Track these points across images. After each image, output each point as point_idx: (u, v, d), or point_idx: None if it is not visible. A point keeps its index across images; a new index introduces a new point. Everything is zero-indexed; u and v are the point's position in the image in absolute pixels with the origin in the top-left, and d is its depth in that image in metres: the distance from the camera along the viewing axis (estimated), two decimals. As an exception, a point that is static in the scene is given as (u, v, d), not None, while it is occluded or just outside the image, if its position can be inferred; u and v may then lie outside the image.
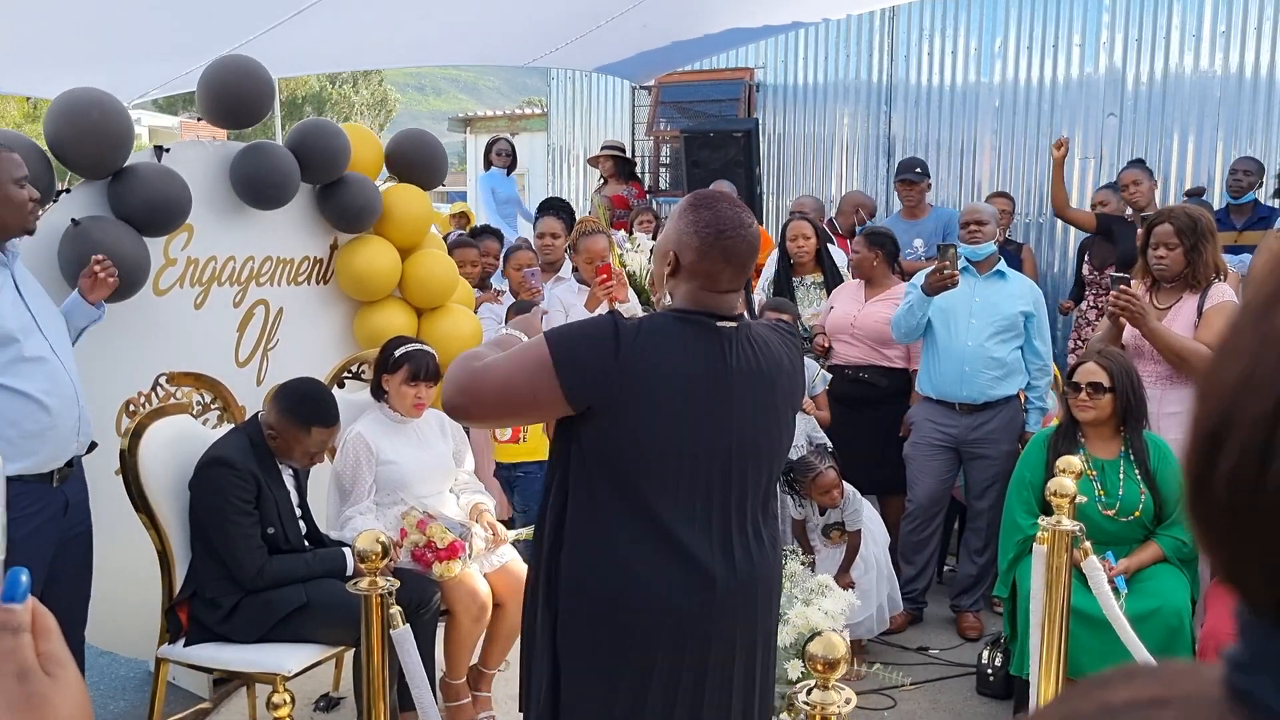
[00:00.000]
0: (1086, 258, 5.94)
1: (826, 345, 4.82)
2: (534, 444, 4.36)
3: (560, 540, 2.07)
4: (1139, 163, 6.09)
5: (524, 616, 2.19)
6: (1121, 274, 3.91)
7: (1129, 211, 5.85)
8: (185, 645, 3.23)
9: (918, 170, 6.15)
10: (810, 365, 4.58)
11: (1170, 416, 3.84)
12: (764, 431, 2.12)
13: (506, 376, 2.02)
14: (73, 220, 3.43)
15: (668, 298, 2.14)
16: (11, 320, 2.86)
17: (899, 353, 4.77)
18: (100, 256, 3.23)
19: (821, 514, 4.17)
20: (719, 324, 2.06)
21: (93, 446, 3.19)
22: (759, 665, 2.18)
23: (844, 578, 4.07)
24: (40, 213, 3.01)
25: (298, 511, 3.39)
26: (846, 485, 4.13)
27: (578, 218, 6.59)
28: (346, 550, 3.32)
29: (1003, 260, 4.56)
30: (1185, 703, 0.36)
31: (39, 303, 3.00)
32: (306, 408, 3.30)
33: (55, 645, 0.77)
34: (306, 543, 3.39)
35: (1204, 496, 0.37)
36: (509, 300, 5.02)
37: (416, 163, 4.56)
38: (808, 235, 5.26)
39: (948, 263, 4.17)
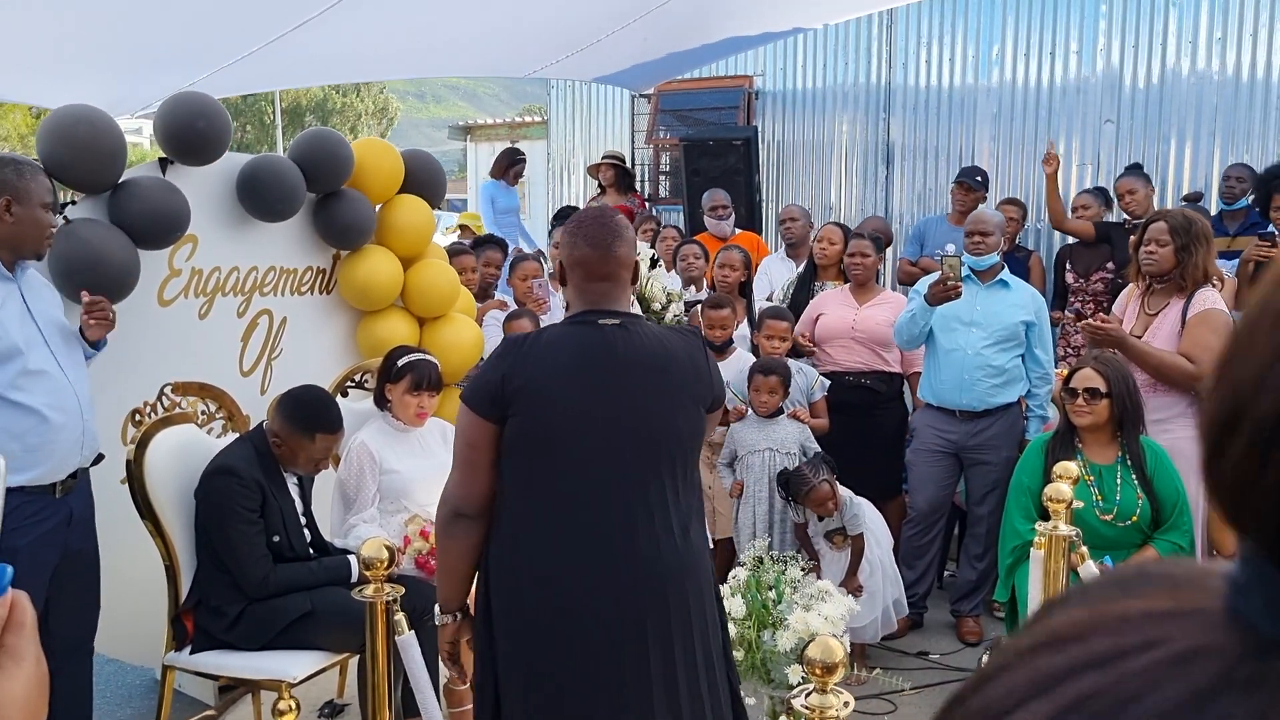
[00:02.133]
0: (1068, 265, 5.96)
1: (806, 344, 4.84)
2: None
3: (489, 539, 2.28)
4: (1136, 169, 6.06)
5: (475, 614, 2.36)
6: (1090, 321, 4.01)
7: (1125, 218, 5.86)
8: (191, 653, 3.27)
9: (978, 179, 6.17)
10: (809, 372, 4.61)
11: (1154, 424, 3.87)
12: (662, 415, 2.26)
13: (457, 456, 2.29)
14: (65, 218, 3.46)
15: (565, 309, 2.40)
16: (16, 334, 2.89)
17: (896, 356, 4.81)
18: (96, 299, 3.10)
19: (820, 520, 4.19)
20: (601, 322, 2.26)
21: (100, 459, 3.22)
22: (680, 655, 2.23)
23: (851, 581, 4.08)
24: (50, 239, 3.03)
25: (302, 520, 3.42)
26: (844, 490, 4.15)
27: None
28: (351, 558, 3.35)
29: (1006, 269, 4.59)
30: (1194, 617, 0.41)
31: (47, 317, 3.02)
32: (310, 415, 3.33)
33: (19, 640, 0.78)
34: (311, 550, 3.42)
35: (1214, 472, 0.42)
36: (513, 309, 5.05)
37: (423, 181, 4.60)
38: (834, 241, 5.27)
39: (951, 274, 4.19)
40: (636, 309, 4.89)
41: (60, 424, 2.96)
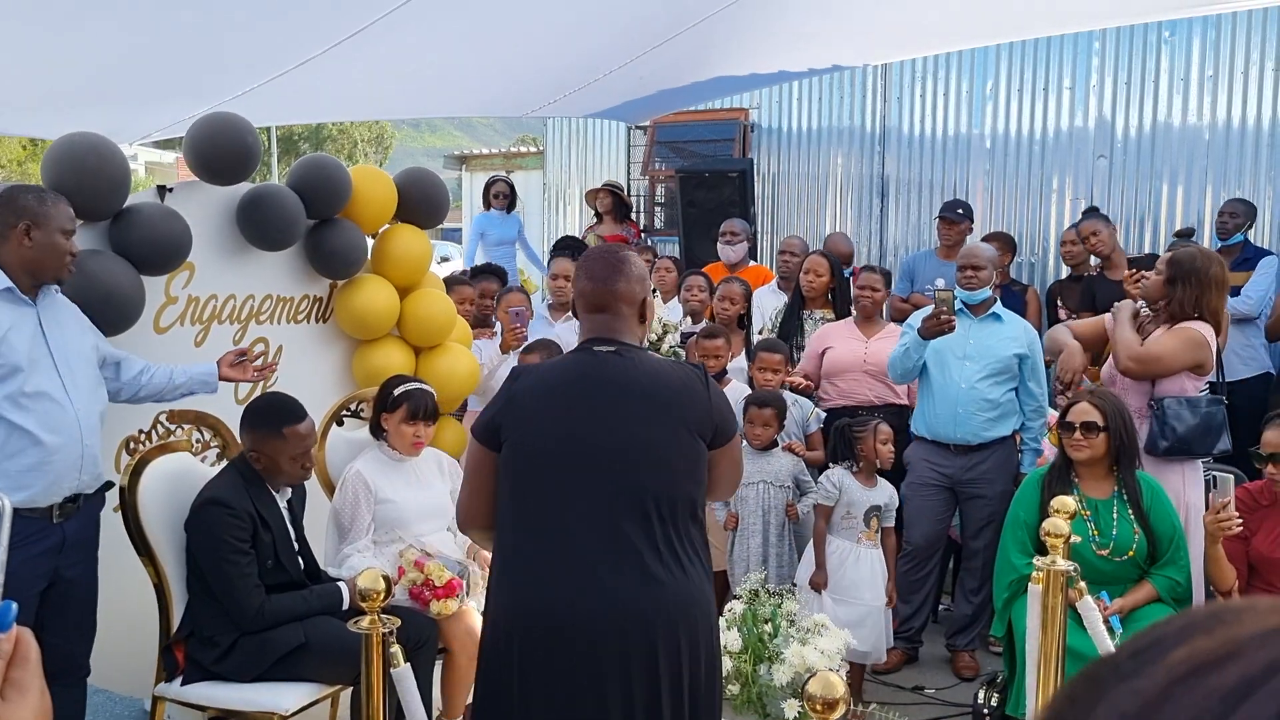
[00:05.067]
0: (1059, 301, 5.99)
1: (806, 385, 4.82)
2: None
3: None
4: (1094, 211, 6.12)
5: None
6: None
7: (1094, 261, 5.88)
8: (182, 684, 3.23)
9: (959, 211, 6.22)
10: (804, 404, 4.61)
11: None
12: (649, 440, 2.23)
13: (465, 474, 2.42)
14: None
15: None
16: (21, 355, 2.93)
17: (906, 389, 4.82)
18: (259, 365, 3.62)
19: (871, 486, 4.15)
20: (597, 348, 2.29)
21: (108, 486, 3.23)
22: (640, 700, 2.15)
23: (890, 585, 4.12)
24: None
25: (295, 545, 3.38)
26: (885, 482, 4.17)
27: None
28: (342, 585, 3.32)
29: (999, 302, 4.60)
30: None
31: (63, 342, 3.07)
32: (273, 413, 3.33)
33: (24, 673, 0.82)
34: (305, 575, 3.38)
35: None
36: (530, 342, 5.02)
37: (421, 202, 4.59)
38: (820, 273, 5.31)
39: (944, 309, 4.20)
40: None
41: (55, 445, 2.98)
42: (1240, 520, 3.40)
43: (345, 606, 3.25)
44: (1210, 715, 0.41)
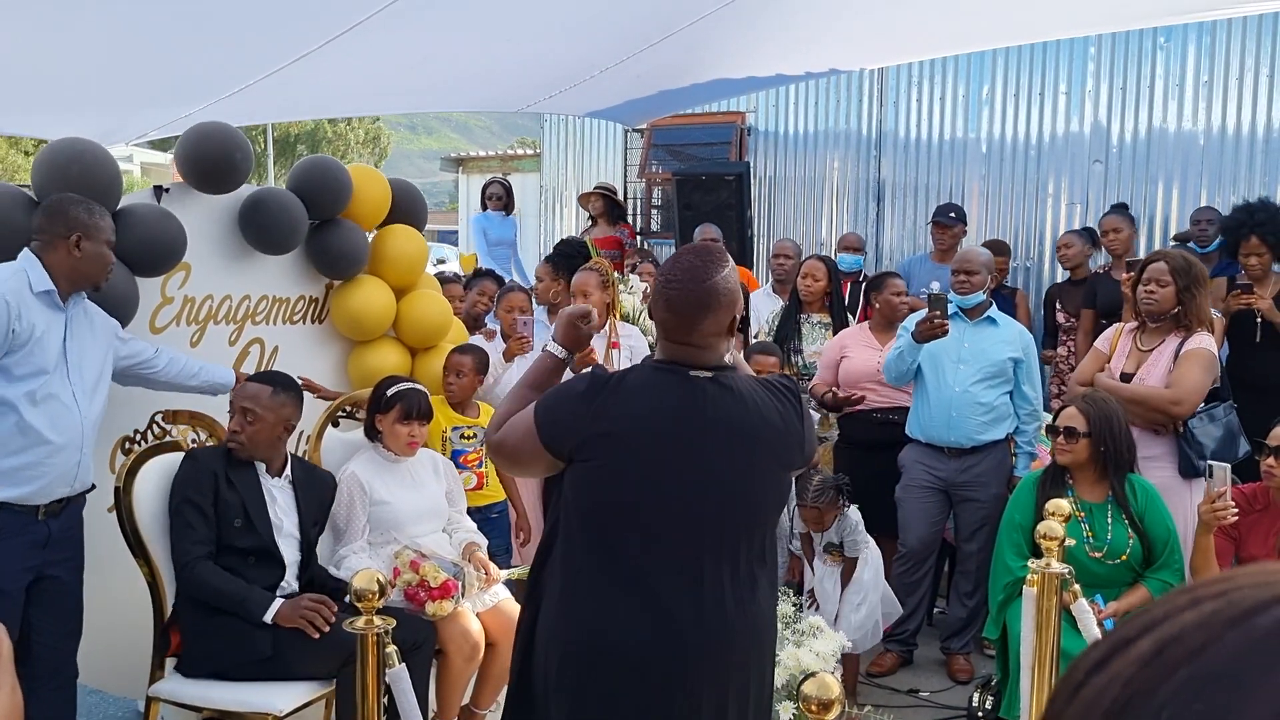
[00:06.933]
0: (1058, 305, 6.00)
1: (855, 397, 4.78)
2: (495, 487, 4.28)
3: (540, 589, 2.14)
4: (1121, 208, 6.13)
5: (511, 660, 2.25)
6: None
7: (1101, 260, 5.90)
8: (176, 667, 3.23)
9: (952, 215, 6.24)
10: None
11: (1146, 460, 3.89)
12: (746, 484, 2.10)
13: (511, 440, 2.18)
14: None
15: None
16: (49, 358, 3.02)
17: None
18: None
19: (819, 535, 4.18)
20: (692, 373, 2.09)
21: (90, 488, 3.25)
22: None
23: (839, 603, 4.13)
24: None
25: (296, 534, 3.37)
26: (852, 514, 4.16)
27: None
28: (278, 602, 3.18)
29: (994, 305, 4.61)
30: None
31: (79, 351, 3.14)
32: (263, 373, 3.50)
33: None
34: (299, 564, 3.39)
35: None
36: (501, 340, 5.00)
37: (403, 212, 4.58)
38: (818, 277, 5.31)
39: (938, 312, 4.21)
40: (641, 343, 4.85)
41: (59, 445, 3.04)
42: (1236, 510, 3.40)
43: (269, 620, 3.13)
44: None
